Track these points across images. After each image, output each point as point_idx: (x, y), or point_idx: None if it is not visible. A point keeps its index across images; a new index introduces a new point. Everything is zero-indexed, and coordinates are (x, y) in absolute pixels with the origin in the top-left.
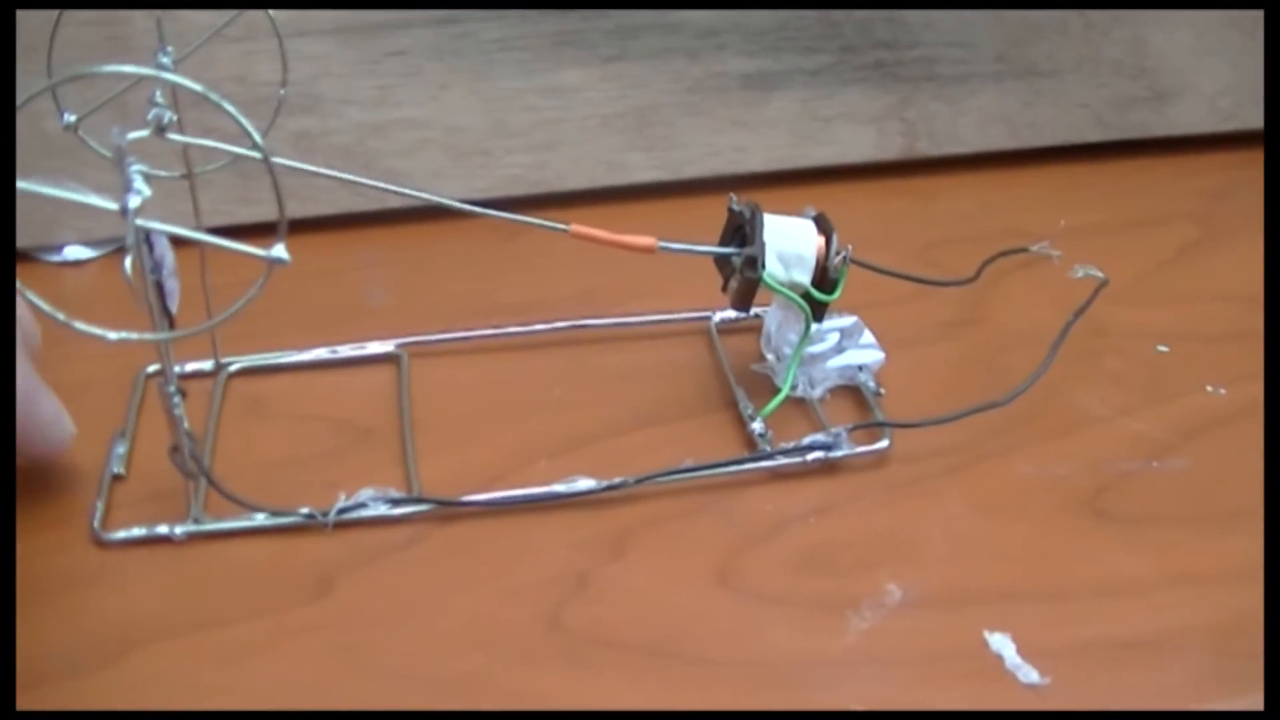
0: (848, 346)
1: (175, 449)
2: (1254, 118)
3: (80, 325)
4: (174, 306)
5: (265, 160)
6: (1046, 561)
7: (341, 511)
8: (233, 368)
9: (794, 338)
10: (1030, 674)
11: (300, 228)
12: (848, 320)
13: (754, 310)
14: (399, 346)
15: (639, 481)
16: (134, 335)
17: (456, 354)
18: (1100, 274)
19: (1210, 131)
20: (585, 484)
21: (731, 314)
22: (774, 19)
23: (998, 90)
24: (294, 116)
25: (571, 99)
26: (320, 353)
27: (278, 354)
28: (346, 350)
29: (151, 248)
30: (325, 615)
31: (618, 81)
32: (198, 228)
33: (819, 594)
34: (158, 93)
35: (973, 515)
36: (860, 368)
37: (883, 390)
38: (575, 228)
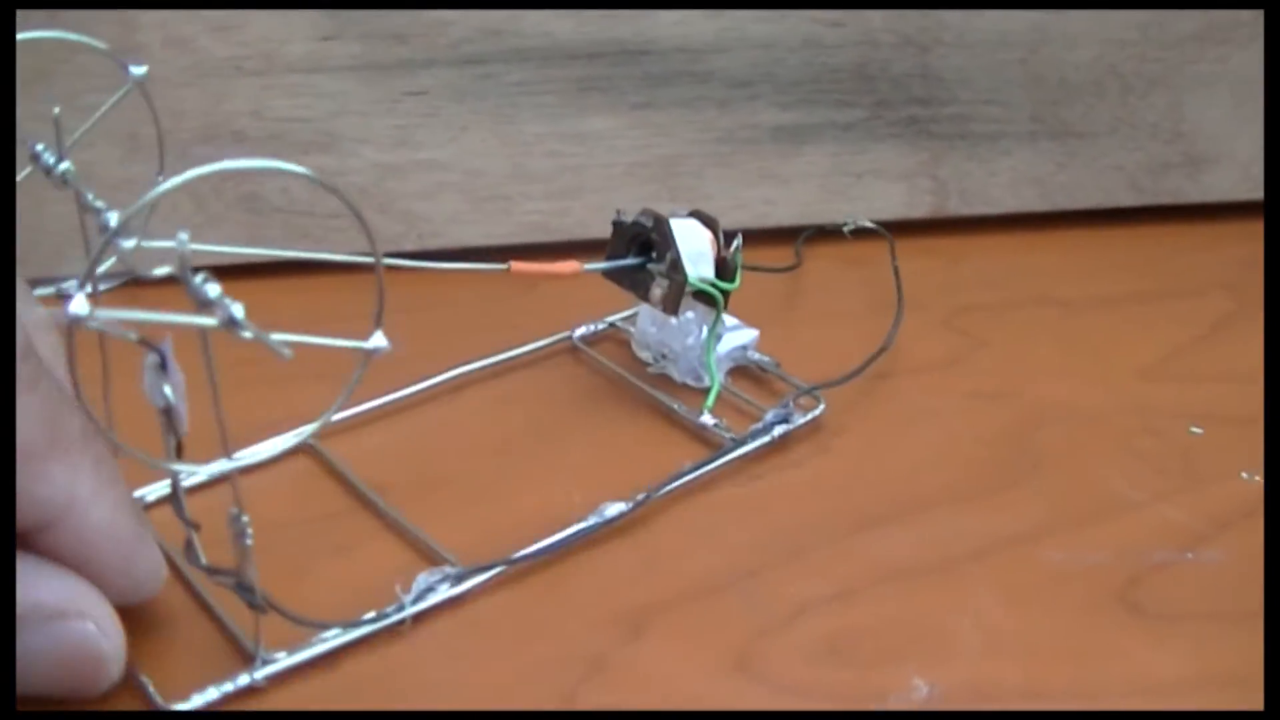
0: (720, 333)
1: (243, 585)
2: None
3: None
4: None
5: (377, 264)
6: (1077, 658)
7: (416, 602)
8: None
9: (689, 335)
10: None
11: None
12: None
13: (609, 319)
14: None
15: (663, 490)
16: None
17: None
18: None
19: (1245, 199)
20: (615, 508)
21: (586, 329)
22: (808, 71)
23: (1031, 151)
24: (310, 154)
25: (595, 146)
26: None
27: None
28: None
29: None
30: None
31: (644, 129)
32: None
33: (842, 686)
34: None
35: (1001, 606)
36: (743, 348)
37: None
38: (514, 265)
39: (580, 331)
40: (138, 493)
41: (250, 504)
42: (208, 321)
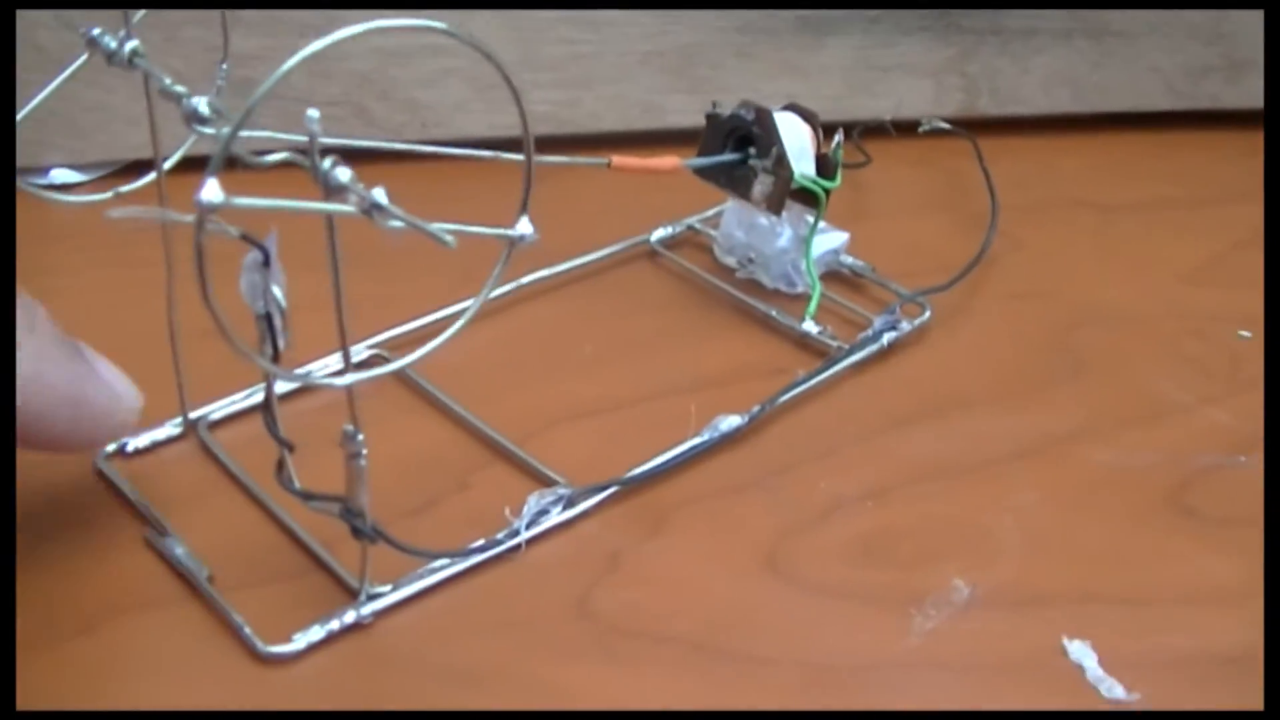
0: (804, 235)
1: (352, 511)
2: None
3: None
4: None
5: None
6: (1129, 562)
7: (529, 526)
8: (213, 416)
9: (779, 238)
10: (1115, 689)
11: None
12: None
13: (687, 221)
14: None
15: (775, 402)
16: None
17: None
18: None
19: None
20: (730, 421)
21: (664, 232)
22: None
23: (1066, 49)
24: (308, 37)
25: (609, 33)
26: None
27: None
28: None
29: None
30: None
31: (661, 17)
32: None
33: (878, 587)
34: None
35: (1045, 505)
36: (835, 251)
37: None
38: (615, 159)
39: (658, 234)
40: (195, 413)
41: (326, 426)
42: (345, 209)
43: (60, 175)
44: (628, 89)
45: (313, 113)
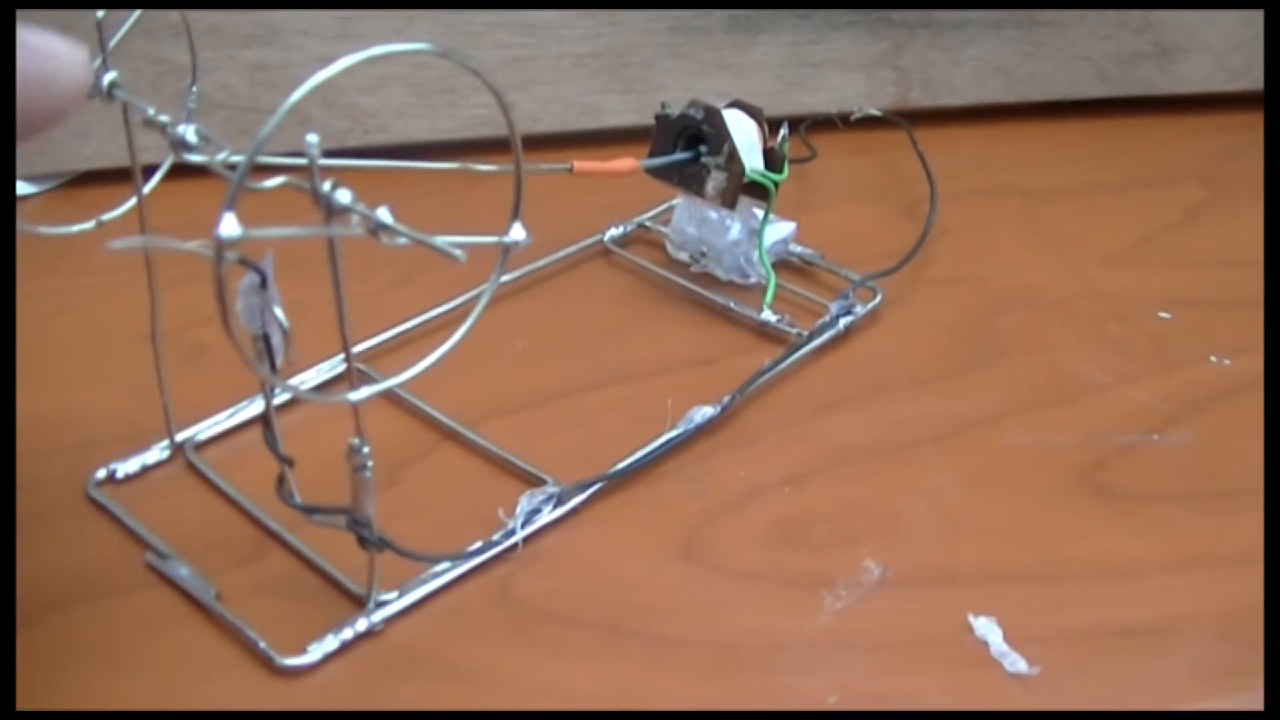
0: (755, 227)
1: (359, 522)
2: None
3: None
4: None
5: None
6: (1038, 540)
7: (526, 526)
8: (199, 437)
9: (729, 231)
10: (1018, 662)
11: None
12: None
13: (638, 219)
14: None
15: (745, 389)
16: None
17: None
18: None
19: (1218, 90)
20: (704, 412)
21: (616, 230)
22: None
23: (996, 39)
24: (250, 47)
25: (545, 36)
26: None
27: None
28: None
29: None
30: None
31: (595, 19)
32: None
33: (792, 569)
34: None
35: (960, 487)
36: (784, 241)
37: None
38: (577, 164)
39: (611, 234)
40: (183, 434)
41: (313, 439)
42: (353, 231)
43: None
44: (564, 90)
45: (312, 138)
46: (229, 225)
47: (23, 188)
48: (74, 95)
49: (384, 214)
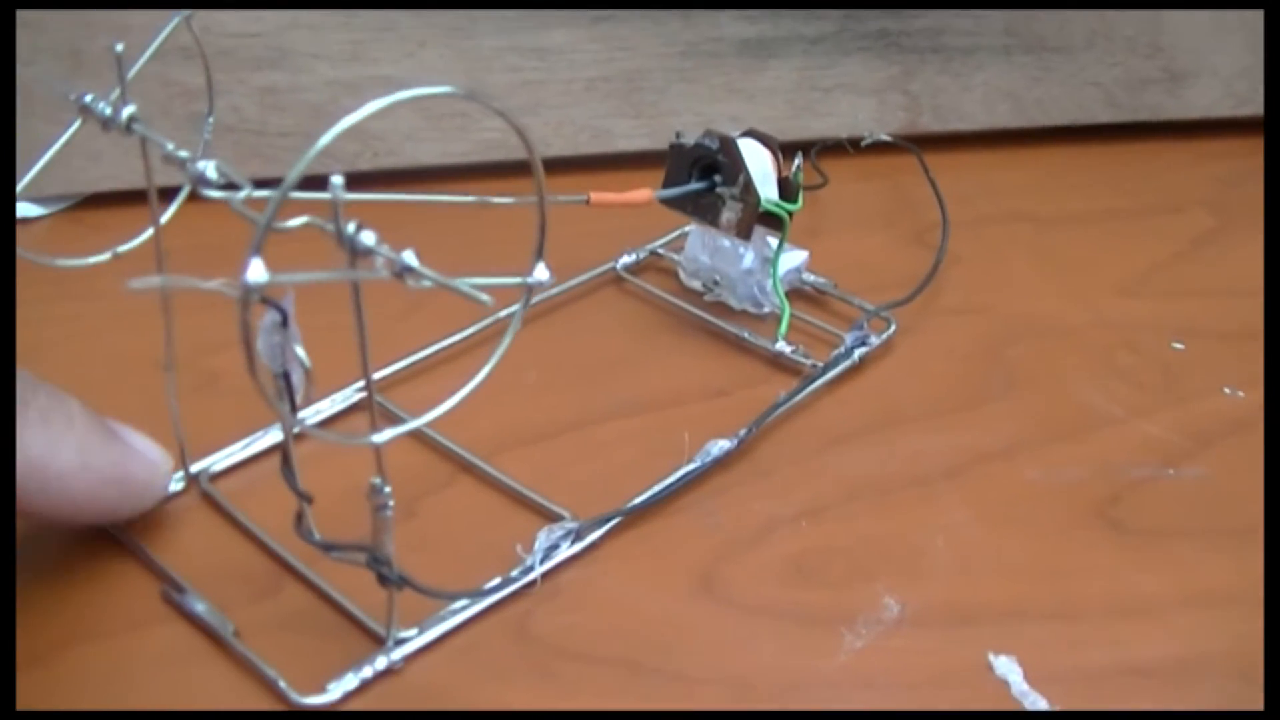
0: (768, 255)
1: (379, 560)
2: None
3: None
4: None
5: (540, 200)
6: (1056, 577)
7: (544, 562)
8: (214, 468)
9: (743, 260)
10: (1038, 701)
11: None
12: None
13: (649, 247)
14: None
15: (762, 422)
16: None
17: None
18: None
19: (1226, 115)
20: (721, 445)
21: (629, 258)
22: None
23: (1006, 65)
24: (261, 70)
25: (556, 61)
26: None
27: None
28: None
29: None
30: None
31: (605, 43)
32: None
33: (811, 606)
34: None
35: (975, 522)
36: (797, 270)
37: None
38: (594, 196)
39: (624, 261)
40: (197, 465)
41: (327, 473)
42: (378, 274)
43: (22, 209)
44: (574, 114)
45: (336, 179)
46: (256, 271)
47: (31, 210)
48: (160, 493)
49: (410, 257)
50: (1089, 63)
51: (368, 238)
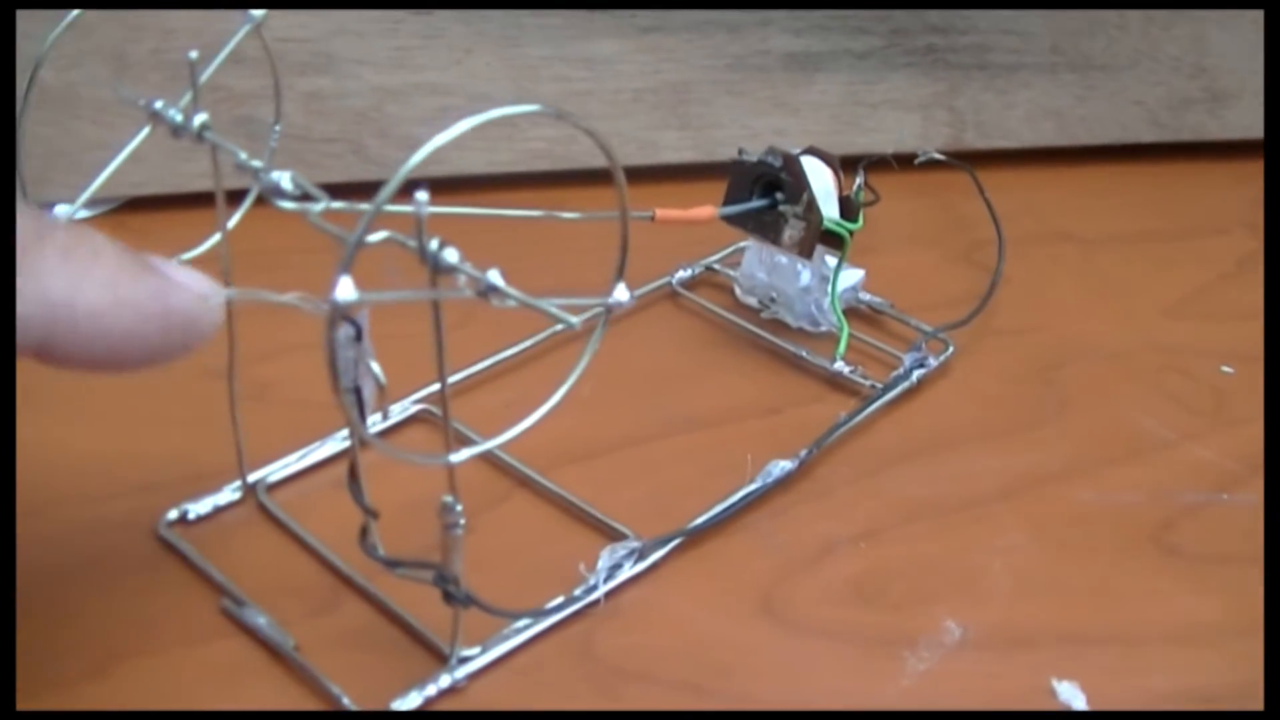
0: (825, 273)
1: (446, 578)
2: None
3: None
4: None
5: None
6: (1114, 601)
7: (608, 581)
8: (269, 479)
9: (800, 278)
10: None
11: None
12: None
13: (704, 262)
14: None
15: (823, 442)
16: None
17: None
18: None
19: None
20: (782, 466)
21: (685, 273)
22: None
23: (1051, 83)
24: (306, 75)
25: (603, 71)
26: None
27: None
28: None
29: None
30: None
31: (653, 54)
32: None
33: (872, 629)
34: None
35: (1032, 545)
36: (853, 289)
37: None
38: (659, 212)
39: (679, 276)
40: (254, 475)
41: (382, 487)
42: (462, 293)
43: (63, 211)
44: (622, 125)
45: (421, 195)
46: (345, 290)
47: (70, 212)
48: (205, 336)
49: (495, 276)
50: (1133, 82)
51: (451, 255)
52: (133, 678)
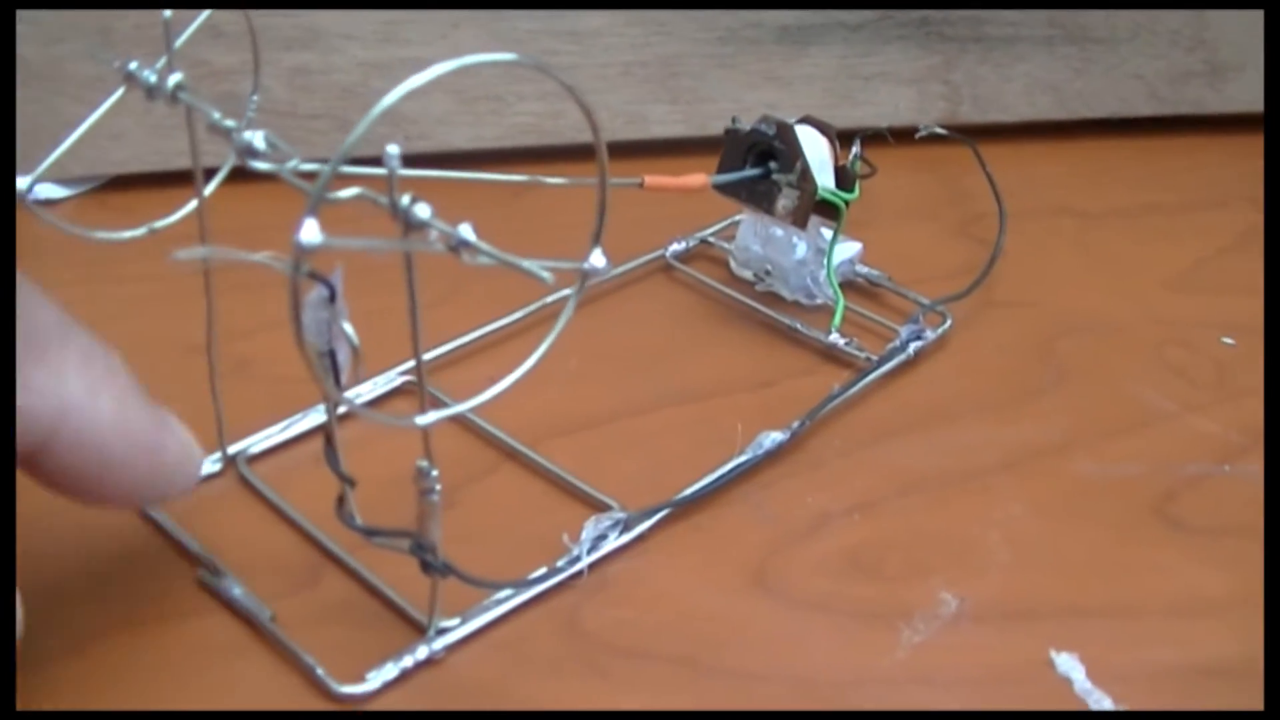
0: (821, 246)
1: (423, 546)
2: None
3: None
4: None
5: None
6: (1115, 573)
7: (592, 552)
8: (250, 450)
9: (795, 250)
10: (1102, 700)
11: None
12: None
13: (700, 235)
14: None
15: (816, 414)
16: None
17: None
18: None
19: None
20: (774, 437)
21: (680, 245)
22: None
23: (1048, 56)
24: (291, 51)
25: (591, 44)
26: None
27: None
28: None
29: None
30: None
31: (643, 27)
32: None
33: (867, 601)
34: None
35: (1031, 517)
36: (850, 261)
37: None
38: (648, 179)
39: (673, 248)
40: (234, 447)
41: (367, 460)
42: (433, 246)
43: (45, 190)
44: (610, 100)
45: (392, 148)
46: (310, 231)
47: (55, 191)
48: (191, 481)
49: (467, 231)
50: (1131, 55)
51: (422, 210)
52: (111, 654)
